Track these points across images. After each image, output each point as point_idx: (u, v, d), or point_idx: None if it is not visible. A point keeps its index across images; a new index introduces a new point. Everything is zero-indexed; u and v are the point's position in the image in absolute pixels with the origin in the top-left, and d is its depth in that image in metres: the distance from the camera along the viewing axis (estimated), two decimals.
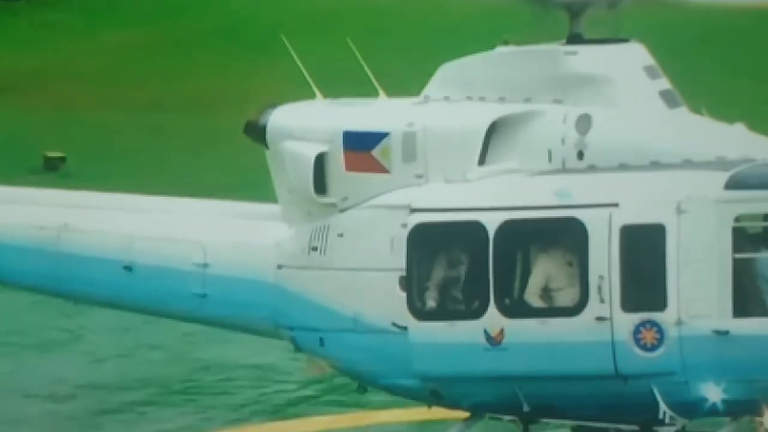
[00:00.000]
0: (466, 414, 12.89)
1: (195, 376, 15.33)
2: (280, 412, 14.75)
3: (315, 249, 12.81)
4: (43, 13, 24.02)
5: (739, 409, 12.13)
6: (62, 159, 19.23)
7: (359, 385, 13.23)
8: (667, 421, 12.11)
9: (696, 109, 12.68)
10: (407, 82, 13.44)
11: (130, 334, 14.97)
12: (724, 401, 11.92)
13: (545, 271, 12.28)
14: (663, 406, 12.07)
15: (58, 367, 15.70)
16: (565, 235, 12.19)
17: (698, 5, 13.49)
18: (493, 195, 12.45)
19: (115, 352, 15.59)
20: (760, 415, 11.95)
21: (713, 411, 12.11)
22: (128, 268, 13.58)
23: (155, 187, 14.70)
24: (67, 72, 22.03)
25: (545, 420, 12.59)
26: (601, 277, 12.01)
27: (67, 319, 15.05)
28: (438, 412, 13.24)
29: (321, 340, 12.92)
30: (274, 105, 12.77)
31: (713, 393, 11.93)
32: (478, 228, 12.31)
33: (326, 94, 12.95)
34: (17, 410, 15.01)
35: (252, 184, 13.03)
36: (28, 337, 16.05)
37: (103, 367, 15.61)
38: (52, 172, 18.68)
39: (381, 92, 13.12)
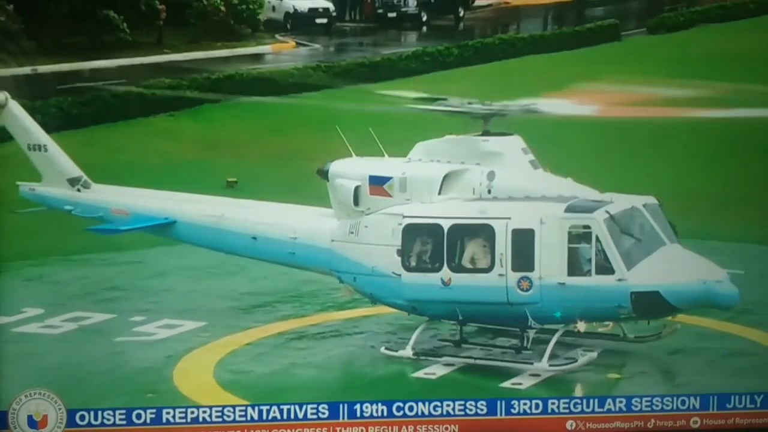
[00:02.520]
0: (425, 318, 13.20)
1: (300, 287, 15.59)
2: (344, 306, 14.77)
3: (352, 233, 13.17)
4: (225, 110, 24.76)
5: (568, 321, 12.54)
6: (235, 182, 19.44)
7: (372, 301, 13.57)
8: (531, 326, 12.61)
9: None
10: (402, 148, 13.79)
11: (270, 267, 15.01)
12: (561, 317, 12.45)
13: (473, 249, 12.71)
14: (530, 319, 12.55)
15: (233, 284, 15.92)
16: (483, 232, 12.59)
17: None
18: (446, 210, 12.87)
19: (261, 276, 15.84)
20: (575, 323, 12.31)
21: (555, 321, 12.56)
22: (254, 238, 13.91)
23: (284, 196, 14.88)
24: (239, 139, 22.63)
25: (471, 324, 13.07)
26: (501, 254, 12.44)
27: (238, 259, 15.18)
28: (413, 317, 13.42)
29: (354, 278, 13.38)
30: (332, 160, 13.54)
31: (556, 312, 12.43)
32: (438, 227, 12.74)
33: (358, 154, 13.65)
34: (210, 305, 15.11)
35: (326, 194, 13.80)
36: (219, 269, 16.24)
37: (255, 283, 15.90)
38: (229, 189, 18.89)
39: (385, 154, 13.63)
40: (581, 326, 12.47)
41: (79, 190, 14.97)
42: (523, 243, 12.30)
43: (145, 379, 12.78)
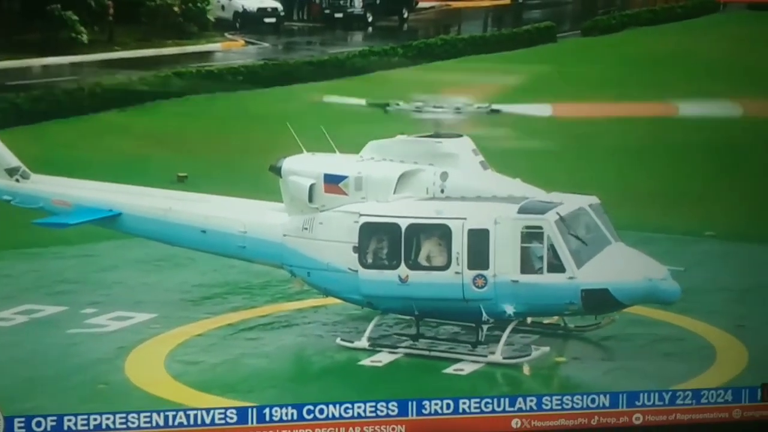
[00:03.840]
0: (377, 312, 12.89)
1: (250, 280, 15.25)
2: (293, 297, 14.48)
3: (306, 228, 12.91)
4: (176, 106, 24.27)
5: (520, 316, 12.54)
6: (186, 177, 19.03)
7: (324, 295, 13.30)
8: (485, 321, 12.45)
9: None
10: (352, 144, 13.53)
11: (220, 260, 14.75)
12: (514, 313, 12.33)
13: (429, 248, 12.48)
14: (485, 315, 12.37)
15: (183, 276, 15.58)
16: (440, 232, 12.37)
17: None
18: (403, 210, 12.59)
19: (211, 268, 15.56)
20: (527, 317, 12.66)
21: (508, 317, 12.42)
22: (203, 232, 13.52)
23: (234, 190, 14.50)
24: (189, 135, 22.13)
25: (426, 318, 12.83)
26: (458, 253, 12.24)
27: (189, 252, 14.88)
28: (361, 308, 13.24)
29: (308, 273, 13.05)
30: (284, 156, 13.23)
31: (509, 309, 12.31)
32: (396, 226, 12.47)
33: (307, 148, 13.41)
34: (161, 298, 14.79)
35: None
36: (168, 262, 15.91)
37: (205, 276, 15.59)
38: (180, 183, 18.43)
39: (336, 150, 13.33)
40: (528, 319, 12.67)
41: (17, 181, 14.45)
42: (479, 242, 12.23)
43: (97, 370, 12.66)
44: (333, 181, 12.87)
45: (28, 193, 14.45)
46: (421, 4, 41.61)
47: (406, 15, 39.17)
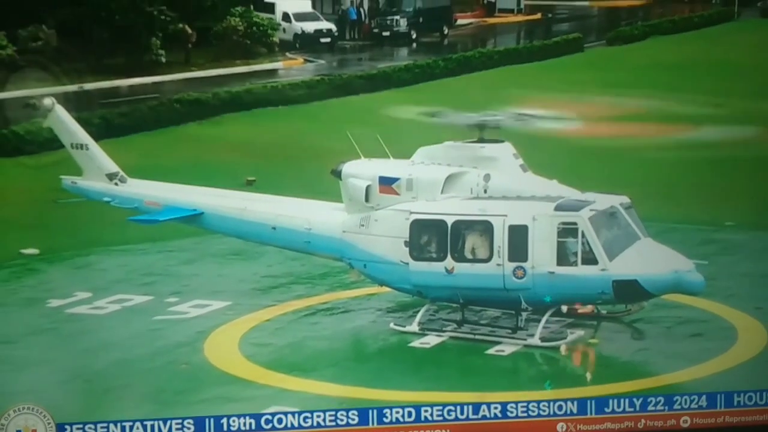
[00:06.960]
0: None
1: (311, 271, 15.28)
2: (350, 286, 14.41)
3: (362, 225, 12.86)
4: (245, 118, 24.20)
5: (555, 305, 12.34)
6: (254, 180, 19.03)
7: (379, 284, 13.30)
8: (524, 309, 12.38)
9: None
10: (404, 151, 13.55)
11: (284, 253, 14.65)
12: (550, 302, 12.24)
13: (473, 242, 12.39)
14: (523, 303, 12.32)
15: (253, 269, 15.56)
16: (483, 228, 12.30)
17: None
18: (449, 208, 12.53)
19: (277, 261, 15.55)
20: (561, 305, 12.34)
21: (544, 305, 12.31)
22: (274, 228, 13.52)
23: (297, 191, 14.56)
24: (257, 143, 22.10)
25: (471, 306, 12.67)
26: (499, 247, 12.17)
27: (258, 247, 14.94)
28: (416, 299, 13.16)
29: (364, 265, 13.03)
30: (344, 161, 13.26)
31: (546, 298, 12.22)
32: (443, 222, 12.44)
33: (366, 155, 13.39)
34: (235, 287, 14.75)
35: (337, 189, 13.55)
36: (240, 256, 15.96)
37: (272, 268, 15.55)
38: (249, 186, 18.35)
39: (390, 156, 13.32)
40: (564, 308, 12.47)
41: (116, 184, 14.60)
42: (519, 237, 12.19)
43: (179, 351, 12.64)
44: (387, 183, 12.90)
45: (125, 195, 14.76)
46: (459, 21, 41.44)
47: (446, 31, 39.07)
